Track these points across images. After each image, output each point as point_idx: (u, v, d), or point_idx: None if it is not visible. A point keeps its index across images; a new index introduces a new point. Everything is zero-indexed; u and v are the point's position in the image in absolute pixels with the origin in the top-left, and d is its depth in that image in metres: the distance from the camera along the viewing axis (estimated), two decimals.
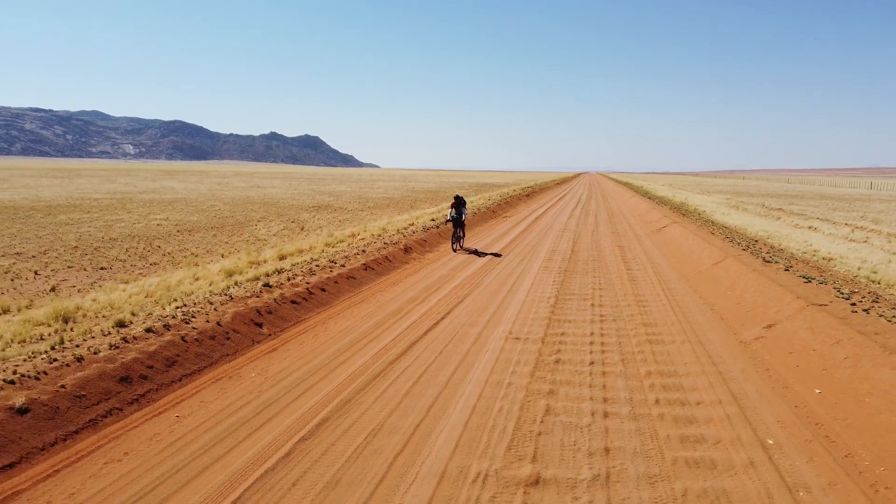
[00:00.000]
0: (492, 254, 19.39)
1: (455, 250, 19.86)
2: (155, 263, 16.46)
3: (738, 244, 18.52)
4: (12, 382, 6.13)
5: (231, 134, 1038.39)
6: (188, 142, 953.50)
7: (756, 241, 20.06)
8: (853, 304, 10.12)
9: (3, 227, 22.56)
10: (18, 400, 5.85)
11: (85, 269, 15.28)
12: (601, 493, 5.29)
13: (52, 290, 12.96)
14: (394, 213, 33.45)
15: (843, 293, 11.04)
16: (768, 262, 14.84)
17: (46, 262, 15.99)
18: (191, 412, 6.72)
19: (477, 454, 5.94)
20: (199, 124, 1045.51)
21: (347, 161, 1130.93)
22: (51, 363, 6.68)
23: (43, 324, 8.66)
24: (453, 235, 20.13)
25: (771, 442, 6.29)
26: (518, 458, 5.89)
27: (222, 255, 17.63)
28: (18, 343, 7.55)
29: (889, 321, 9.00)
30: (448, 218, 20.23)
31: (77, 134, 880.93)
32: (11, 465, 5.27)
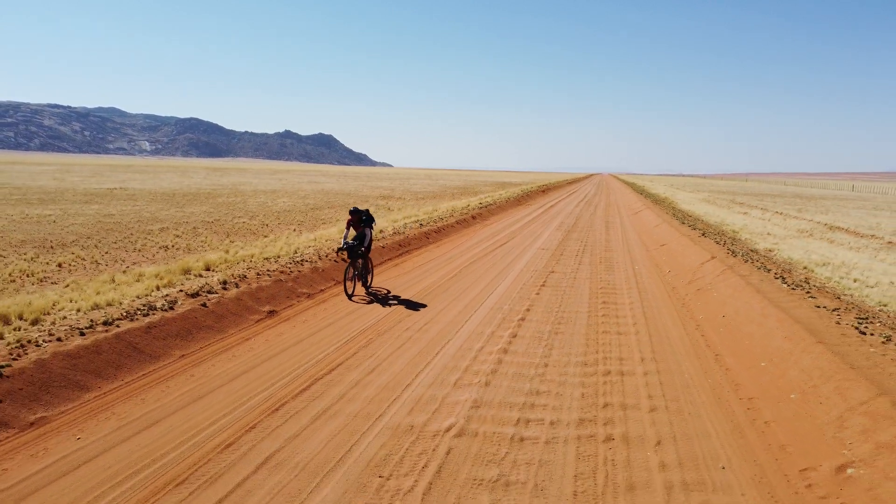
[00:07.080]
0: (512, 230, 30.76)
1: (350, 296, 12.56)
2: (324, 223, 27.87)
3: (677, 218, 29.83)
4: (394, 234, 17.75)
5: (246, 132, 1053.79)
6: (203, 139, 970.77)
7: (690, 216, 31.40)
8: (703, 234, 21.43)
9: (198, 205, 34.16)
10: (391, 243, 17.43)
11: (291, 224, 26.73)
12: (574, 273, 16.68)
13: (295, 230, 24.44)
14: (440, 201, 44.83)
15: (705, 233, 22.31)
16: (683, 223, 26.20)
17: (263, 221, 27.46)
18: (435, 252, 18.45)
19: (533, 266, 17.38)
20: (214, 122, 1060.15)
21: (361, 160, 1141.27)
22: (381, 237, 18.26)
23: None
24: (346, 271, 12.63)
25: (637, 267, 17.69)
26: (547, 266, 17.31)
27: None
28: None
29: (711, 239, 20.31)
30: (341, 246, 12.72)
31: (94, 130, 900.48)
32: (391, 259, 16.91)
